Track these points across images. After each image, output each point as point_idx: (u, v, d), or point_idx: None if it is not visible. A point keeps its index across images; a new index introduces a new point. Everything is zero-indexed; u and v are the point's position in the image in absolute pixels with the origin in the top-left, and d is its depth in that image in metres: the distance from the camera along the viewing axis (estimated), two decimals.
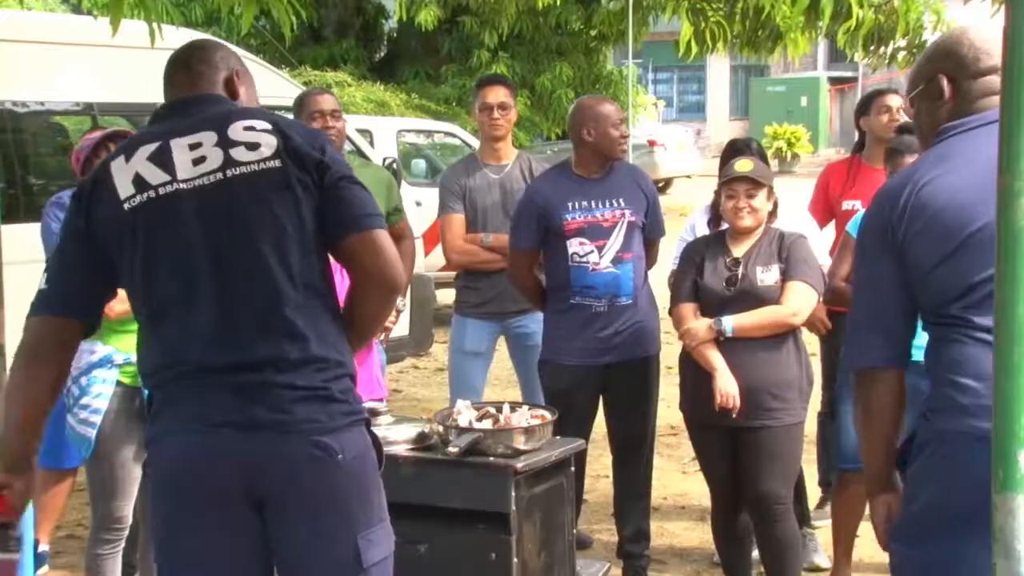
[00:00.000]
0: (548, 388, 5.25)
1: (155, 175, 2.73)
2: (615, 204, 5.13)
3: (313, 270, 2.73)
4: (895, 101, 5.54)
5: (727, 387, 4.54)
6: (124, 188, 2.74)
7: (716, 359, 4.59)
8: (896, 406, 2.73)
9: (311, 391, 2.69)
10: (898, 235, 2.66)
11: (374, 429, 2.83)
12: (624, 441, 5.27)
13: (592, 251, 5.08)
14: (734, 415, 4.54)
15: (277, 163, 2.69)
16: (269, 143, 2.71)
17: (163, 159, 2.74)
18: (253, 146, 2.70)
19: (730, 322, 4.57)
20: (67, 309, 2.80)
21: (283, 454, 2.68)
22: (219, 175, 2.70)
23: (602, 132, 5.11)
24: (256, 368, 2.69)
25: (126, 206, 2.73)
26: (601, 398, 5.24)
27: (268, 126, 2.76)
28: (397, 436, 3.32)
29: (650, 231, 5.28)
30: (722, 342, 4.59)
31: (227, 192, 2.70)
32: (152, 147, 2.77)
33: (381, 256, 2.71)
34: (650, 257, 5.35)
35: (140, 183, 2.73)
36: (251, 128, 2.74)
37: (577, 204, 5.11)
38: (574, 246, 5.08)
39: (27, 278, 4.89)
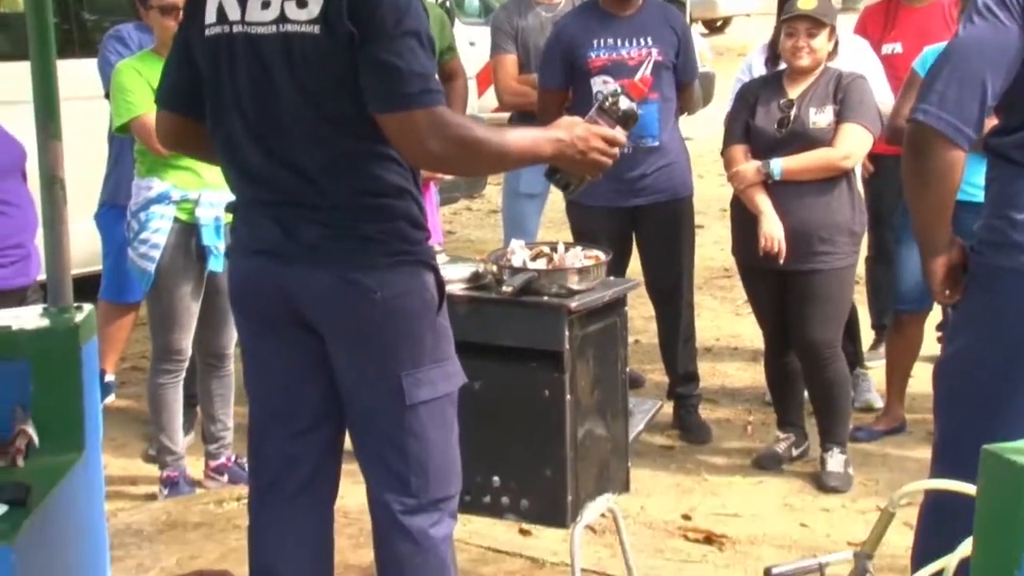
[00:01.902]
0: (576, 230, 5.25)
1: (233, 10, 2.74)
2: (642, 43, 5.00)
3: (357, 116, 2.67)
4: None
5: (771, 231, 4.51)
6: (209, 15, 2.78)
7: (763, 202, 4.55)
8: (956, 181, 2.61)
9: (345, 231, 2.71)
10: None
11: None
12: (660, 286, 5.27)
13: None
14: (779, 260, 4.52)
15: (317, 29, 2.64)
16: (317, 2, 2.66)
17: None
18: (302, 3, 2.66)
19: (778, 165, 4.52)
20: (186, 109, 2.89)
21: (313, 287, 2.74)
22: (273, 28, 2.68)
23: None
24: (295, 205, 2.73)
25: (207, 32, 2.78)
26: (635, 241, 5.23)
27: None
28: (451, 275, 3.33)
29: (682, 73, 5.14)
30: (771, 185, 4.55)
31: (275, 44, 2.68)
32: None
33: (409, 138, 2.62)
34: (683, 100, 5.23)
35: (220, 14, 2.76)
36: None
37: (602, 42, 5.00)
38: (598, 84, 4.99)
39: (83, 114, 4.98)
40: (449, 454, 2.87)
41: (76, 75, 5.05)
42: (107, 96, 5.07)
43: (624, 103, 2.82)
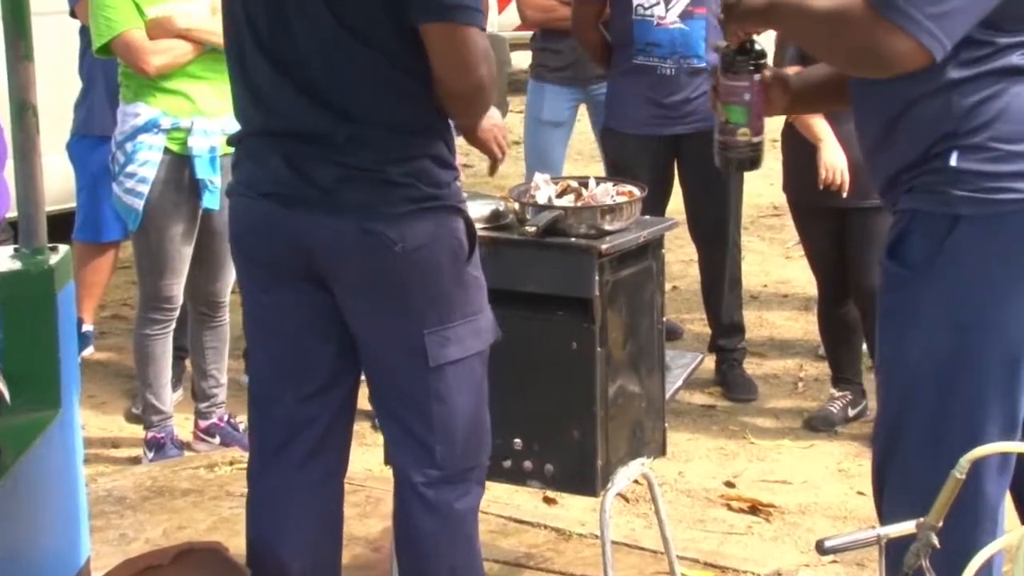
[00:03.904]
0: (610, 161, 5.23)
1: None
2: None
3: (387, 29, 2.66)
4: None
5: (832, 160, 4.47)
6: None
7: (821, 128, 4.51)
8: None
9: (364, 172, 2.69)
10: None
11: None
12: (703, 225, 5.25)
13: (658, 2, 4.96)
14: (842, 194, 4.49)
15: None
16: None
17: None
18: None
19: None
20: None
21: (329, 237, 2.72)
22: None
23: None
24: (308, 140, 2.71)
25: None
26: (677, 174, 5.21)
27: None
28: (469, 214, 3.32)
29: None
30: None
31: None
32: None
33: (462, 55, 2.62)
34: None
35: None
36: None
37: None
38: None
39: (54, 32, 4.95)
40: (479, 419, 2.88)
41: None
42: (72, 14, 5.07)
43: (757, 45, 2.75)
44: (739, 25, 2.71)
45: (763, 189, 7.80)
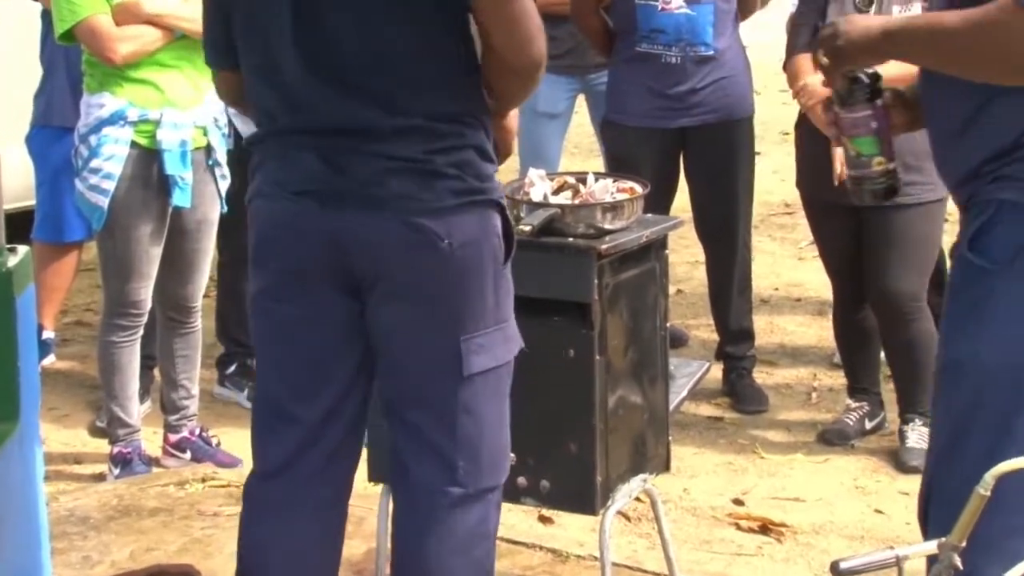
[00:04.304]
0: (611, 155, 5.24)
1: None
2: None
3: (433, 16, 2.68)
4: None
5: None
6: None
7: None
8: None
9: (409, 163, 2.69)
10: None
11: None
12: (710, 224, 5.27)
13: None
14: None
15: None
16: None
17: None
18: None
19: None
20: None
21: (371, 235, 2.71)
22: None
23: None
24: (345, 133, 2.71)
25: None
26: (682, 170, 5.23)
27: None
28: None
29: None
30: None
31: None
32: None
33: (523, 29, 2.63)
34: (745, 3, 5.23)
35: None
36: None
37: None
38: None
39: (11, 13, 4.92)
40: (503, 435, 2.88)
41: None
42: None
43: (868, 70, 2.76)
44: (851, 66, 2.71)
45: (774, 185, 7.82)
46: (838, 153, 4.49)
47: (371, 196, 2.70)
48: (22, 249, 3.02)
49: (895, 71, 4.48)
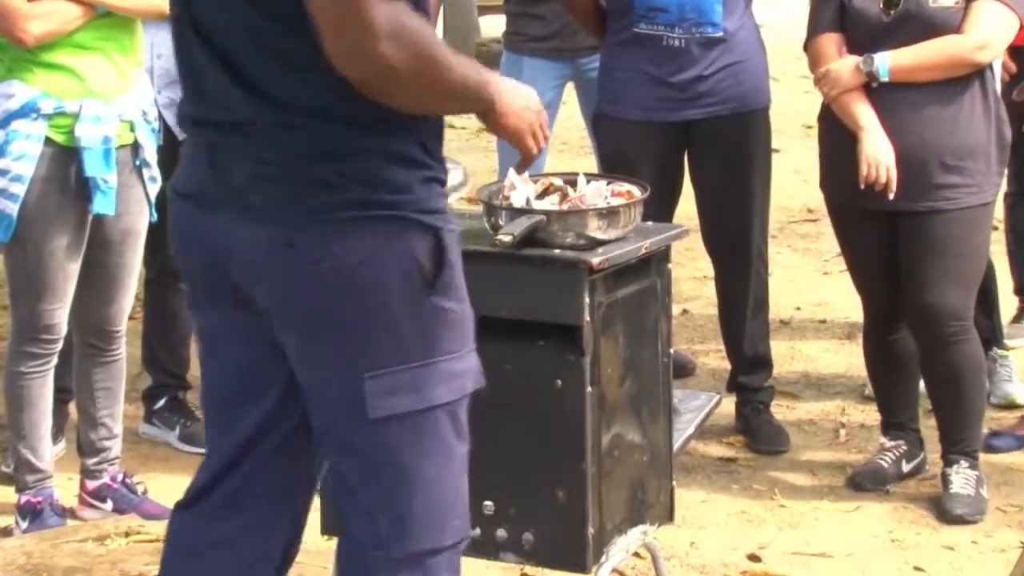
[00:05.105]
0: (605, 153, 5.25)
1: None
2: None
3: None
4: None
5: (875, 153, 4.49)
6: None
7: (864, 114, 4.54)
8: None
9: (287, 168, 2.66)
10: None
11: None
12: (720, 233, 5.27)
13: None
14: (888, 194, 4.51)
15: None
16: None
17: None
18: None
19: (886, 60, 4.50)
20: None
21: (245, 249, 2.70)
22: None
23: None
24: (229, 129, 2.70)
25: None
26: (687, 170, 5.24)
27: None
28: (445, 228, 3.32)
29: None
30: (875, 89, 4.54)
31: None
32: None
33: (352, 32, 2.47)
34: None
35: None
36: None
37: None
38: None
39: None
40: (443, 489, 2.80)
41: None
42: None
43: None
44: None
45: (795, 188, 7.85)
46: (863, 152, 4.50)
47: (243, 205, 2.69)
48: None
49: (907, 60, 4.52)
